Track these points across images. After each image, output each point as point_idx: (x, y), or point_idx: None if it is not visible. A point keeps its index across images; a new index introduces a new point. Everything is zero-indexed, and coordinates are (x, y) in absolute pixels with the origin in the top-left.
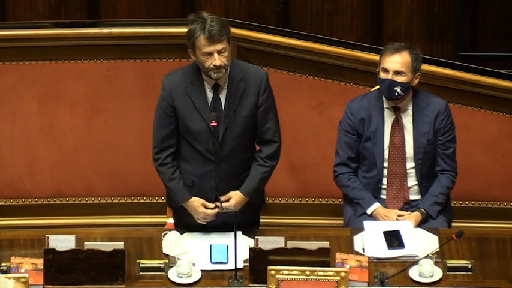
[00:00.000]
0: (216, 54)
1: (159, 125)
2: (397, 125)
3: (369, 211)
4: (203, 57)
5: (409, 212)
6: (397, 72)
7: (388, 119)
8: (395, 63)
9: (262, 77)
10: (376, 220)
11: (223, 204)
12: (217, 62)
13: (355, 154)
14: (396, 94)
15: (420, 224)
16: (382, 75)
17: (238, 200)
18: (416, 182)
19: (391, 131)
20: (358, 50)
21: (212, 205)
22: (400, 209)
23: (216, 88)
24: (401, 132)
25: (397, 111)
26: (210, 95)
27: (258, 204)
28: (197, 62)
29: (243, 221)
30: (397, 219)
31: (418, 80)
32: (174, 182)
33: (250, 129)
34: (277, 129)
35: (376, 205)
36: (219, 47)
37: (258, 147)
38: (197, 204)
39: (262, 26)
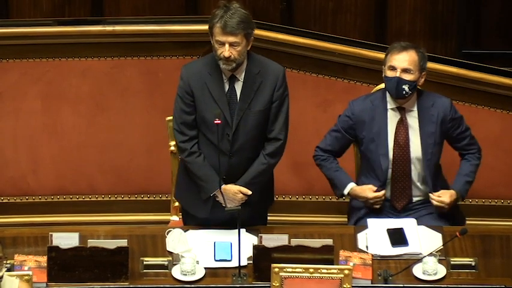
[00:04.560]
0: (227, 46)
1: (183, 112)
2: (402, 125)
3: (345, 191)
4: (216, 44)
5: (384, 191)
6: (404, 70)
7: (392, 120)
8: (403, 61)
9: (279, 73)
10: (379, 217)
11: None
12: (226, 53)
13: (338, 150)
14: (404, 92)
15: (453, 205)
16: (389, 73)
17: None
18: (422, 181)
19: (396, 131)
20: (362, 47)
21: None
22: (404, 206)
23: (233, 80)
24: (406, 133)
25: (402, 111)
26: (226, 86)
27: (265, 202)
28: (213, 48)
29: (250, 219)
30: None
31: (423, 79)
32: (206, 170)
33: (263, 125)
34: (284, 127)
35: (351, 185)
36: (231, 39)
37: None
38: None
39: (266, 23)
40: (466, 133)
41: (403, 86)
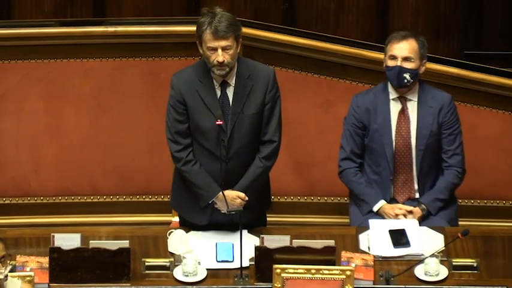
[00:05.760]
0: (220, 50)
1: (176, 121)
2: (403, 115)
3: (375, 208)
4: (208, 51)
5: (411, 208)
6: (405, 59)
7: (394, 110)
8: (404, 49)
9: (270, 75)
10: (382, 218)
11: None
12: (220, 58)
13: (360, 150)
14: (405, 81)
15: (421, 221)
16: (390, 63)
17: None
18: (416, 176)
19: (397, 121)
20: (364, 48)
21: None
22: (404, 202)
23: (224, 85)
24: (407, 122)
25: (403, 101)
26: (218, 92)
27: (263, 205)
28: (203, 56)
29: (249, 222)
30: (401, 213)
31: (424, 67)
32: (203, 178)
33: (257, 128)
34: (278, 128)
35: (382, 202)
36: (223, 43)
37: None
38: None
39: (268, 24)
40: (457, 137)
41: (404, 75)
